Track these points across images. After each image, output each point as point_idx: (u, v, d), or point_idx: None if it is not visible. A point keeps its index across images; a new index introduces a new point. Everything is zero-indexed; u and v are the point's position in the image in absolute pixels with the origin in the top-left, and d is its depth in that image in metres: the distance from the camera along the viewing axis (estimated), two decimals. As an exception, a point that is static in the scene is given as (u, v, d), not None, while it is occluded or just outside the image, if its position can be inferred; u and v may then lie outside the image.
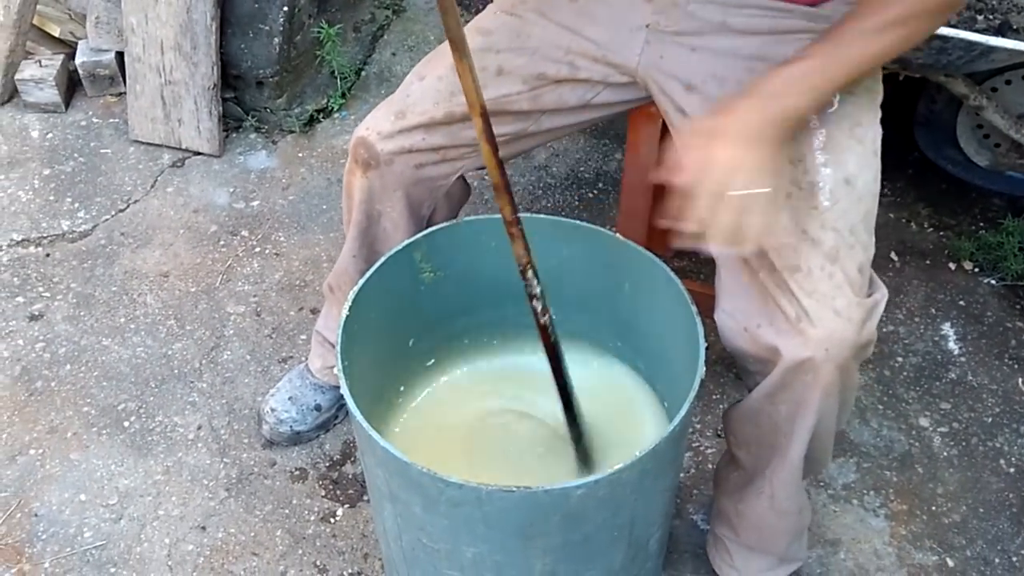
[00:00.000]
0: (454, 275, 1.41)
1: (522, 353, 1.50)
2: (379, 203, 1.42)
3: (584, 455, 1.36)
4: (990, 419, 1.78)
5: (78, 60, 2.37)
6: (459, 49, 1.06)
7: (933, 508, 1.66)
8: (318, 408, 1.73)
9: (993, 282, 2.02)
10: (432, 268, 1.39)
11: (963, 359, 1.88)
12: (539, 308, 1.22)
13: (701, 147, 1.08)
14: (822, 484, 1.69)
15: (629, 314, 1.41)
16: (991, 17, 1.72)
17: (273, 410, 1.71)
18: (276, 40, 2.24)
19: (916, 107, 2.05)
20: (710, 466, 1.70)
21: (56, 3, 2.49)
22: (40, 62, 2.37)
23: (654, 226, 1.84)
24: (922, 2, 1.10)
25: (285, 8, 2.23)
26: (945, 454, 1.73)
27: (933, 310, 1.97)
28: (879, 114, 1.28)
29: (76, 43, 2.41)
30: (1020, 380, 1.84)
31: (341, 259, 1.53)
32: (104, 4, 2.31)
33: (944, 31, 1.63)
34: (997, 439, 1.75)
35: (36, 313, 1.95)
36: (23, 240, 2.09)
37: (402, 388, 1.48)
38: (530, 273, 1.20)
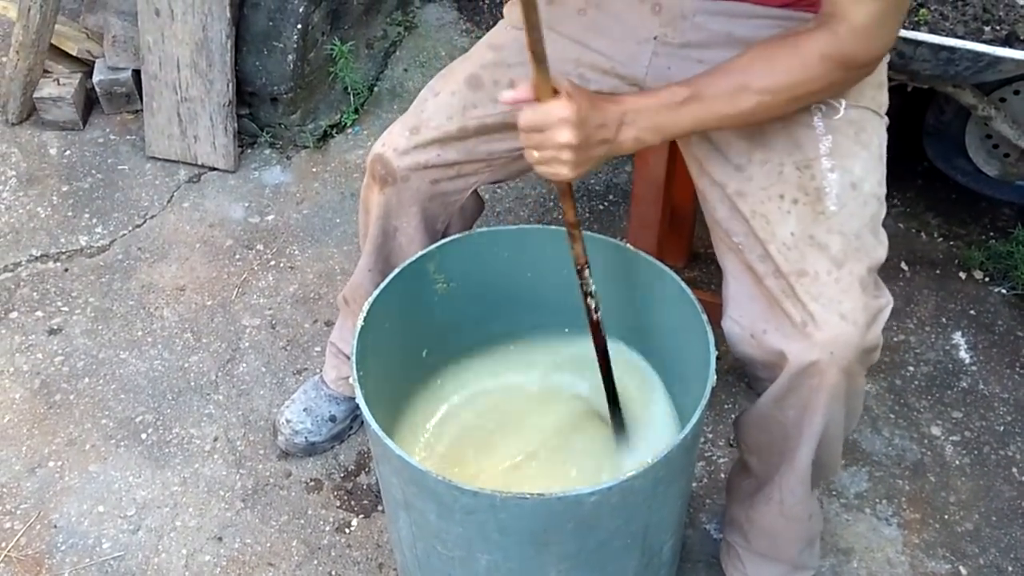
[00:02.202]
0: (467, 286, 1.43)
1: (534, 365, 1.51)
2: (395, 219, 1.44)
3: (620, 426, 1.40)
4: (1002, 428, 1.79)
5: (95, 78, 2.40)
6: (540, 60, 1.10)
7: (946, 517, 1.66)
8: (332, 419, 1.74)
9: (1003, 291, 2.03)
10: (446, 279, 1.40)
11: (974, 368, 1.88)
12: (593, 305, 1.28)
13: (558, 115, 1.11)
14: (834, 493, 1.69)
15: (641, 324, 1.42)
16: (998, 28, 1.74)
17: (288, 421, 1.73)
18: (290, 57, 2.27)
19: (925, 117, 2.06)
20: (723, 476, 1.71)
21: (73, 22, 2.53)
22: (58, 80, 2.41)
23: (664, 237, 1.86)
24: (784, 84, 1.15)
25: (299, 26, 2.26)
26: (957, 463, 1.74)
27: (944, 319, 1.98)
28: (884, 120, 1.30)
29: (93, 62, 2.45)
30: (1032, 389, 1.85)
31: (357, 273, 1.55)
32: (121, 23, 2.35)
33: (951, 42, 1.65)
34: (1009, 447, 1.76)
35: (55, 327, 1.98)
36: (42, 255, 2.12)
37: (415, 397, 1.49)
38: (587, 272, 1.26)
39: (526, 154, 1.16)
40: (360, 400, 1.17)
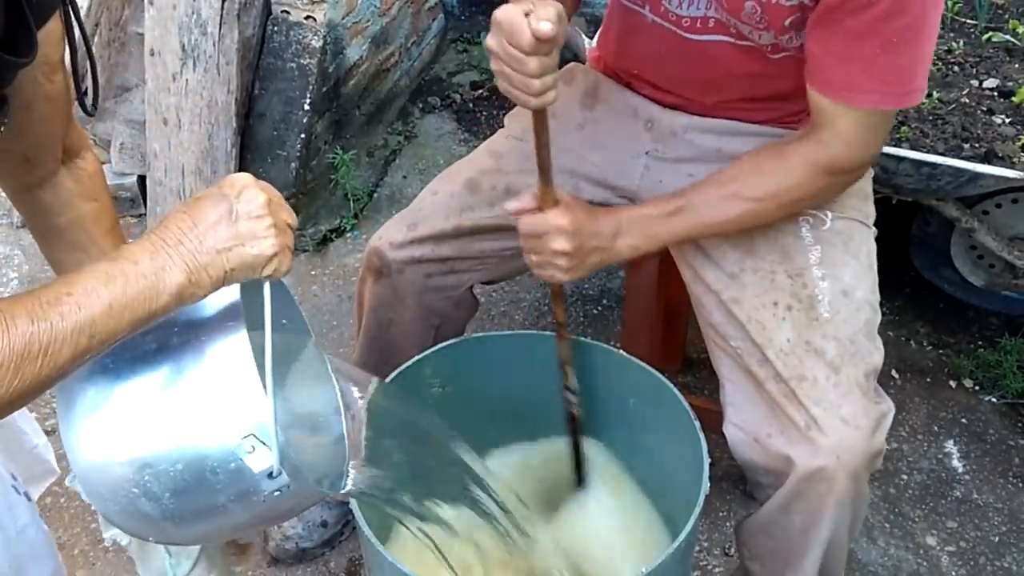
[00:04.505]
0: (462, 389, 1.44)
1: (528, 468, 1.51)
2: (390, 311, 1.46)
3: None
4: (997, 538, 1.77)
5: (101, 183, 2.46)
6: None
7: (944, 630, 1.64)
8: (324, 524, 1.73)
9: (994, 400, 2.04)
10: (441, 383, 1.42)
11: (967, 477, 1.88)
12: (572, 400, 1.37)
13: (559, 227, 1.18)
14: (831, 604, 1.67)
15: (634, 430, 1.43)
16: (977, 145, 1.80)
17: (279, 527, 1.72)
18: (293, 165, 2.34)
19: (911, 229, 2.11)
20: (718, 585, 1.69)
21: (82, 129, 2.60)
22: (65, 185, 2.46)
23: (657, 342, 1.89)
24: (772, 191, 1.22)
25: (302, 135, 2.33)
26: (953, 574, 1.72)
27: (936, 428, 1.98)
28: (872, 231, 1.34)
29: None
30: (1026, 498, 1.85)
31: (350, 369, 1.56)
32: (128, 131, 2.42)
33: (932, 158, 1.70)
34: (1005, 558, 1.74)
35: (49, 429, 1.97)
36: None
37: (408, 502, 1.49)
38: (568, 368, 1.34)
39: (525, 257, 1.22)
40: (354, 505, 1.17)
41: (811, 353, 1.22)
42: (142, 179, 2.44)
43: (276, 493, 0.86)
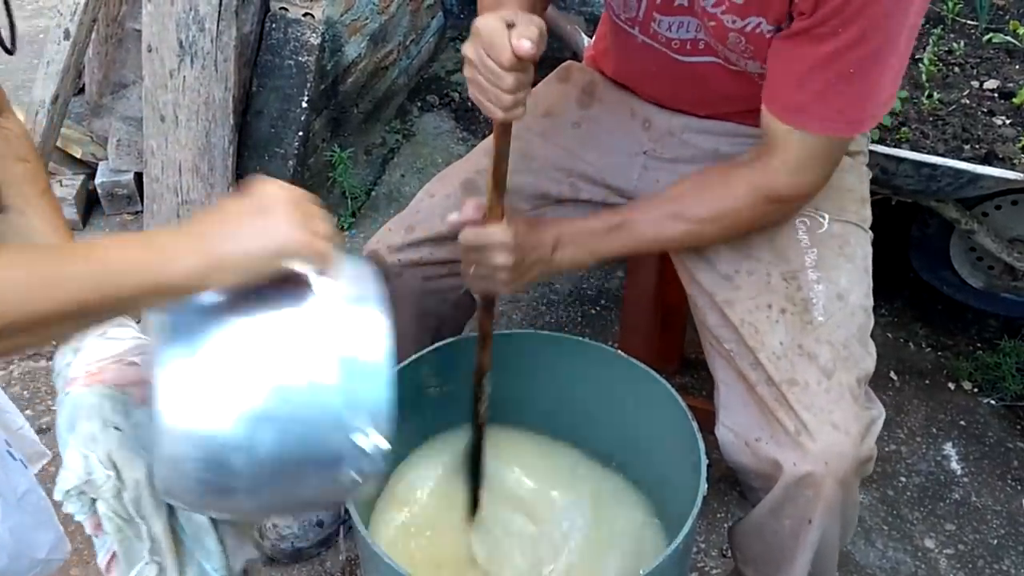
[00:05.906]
0: (458, 390, 1.43)
1: (522, 465, 1.51)
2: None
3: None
4: (995, 541, 1.77)
5: (98, 180, 2.45)
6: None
7: (942, 633, 1.63)
8: (320, 524, 1.72)
9: (992, 402, 2.03)
10: (438, 383, 1.41)
11: (966, 479, 1.88)
12: (482, 411, 1.35)
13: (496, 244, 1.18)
14: (829, 607, 1.66)
15: (632, 430, 1.42)
16: (977, 147, 1.80)
17: (275, 526, 1.71)
18: (291, 163, 2.33)
19: (910, 230, 2.10)
20: (715, 587, 1.68)
21: (79, 126, 2.60)
22: (61, 182, 2.45)
23: (655, 343, 1.88)
24: (713, 214, 1.22)
25: (300, 133, 2.32)
26: (952, 576, 1.72)
27: (934, 430, 1.98)
28: (869, 234, 1.34)
29: (97, 164, 2.50)
30: (1024, 501, 1.84)
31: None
32: (126, 128, 2.41)
33: (931, 159, 1.70)
34: (1004, 561, 1.74)
35: (44, 426, 1.96)
36: (35, 354, 2.12)
37: (403, 500, 1.48)
38: (485, 380, 1.32)
39: (462, 269, 1.22)
40: (351, 506, 1.16)
41: (803, 357, 1.21)
42: (139, 176, 2.43)
43: (356, 480, 0.88)
